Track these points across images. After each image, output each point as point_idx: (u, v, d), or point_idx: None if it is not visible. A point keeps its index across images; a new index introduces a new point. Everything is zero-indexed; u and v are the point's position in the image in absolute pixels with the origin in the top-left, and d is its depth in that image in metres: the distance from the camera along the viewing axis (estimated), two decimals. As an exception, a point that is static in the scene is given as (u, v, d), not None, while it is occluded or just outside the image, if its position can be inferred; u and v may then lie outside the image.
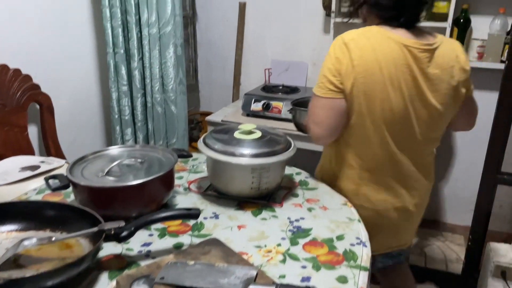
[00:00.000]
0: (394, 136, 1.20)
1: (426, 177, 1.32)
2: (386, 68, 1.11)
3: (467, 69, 1.21)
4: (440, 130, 1.28)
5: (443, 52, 1.16)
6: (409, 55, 1.12)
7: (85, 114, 2.04)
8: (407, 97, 1.15)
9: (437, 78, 1.16)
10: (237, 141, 1.18)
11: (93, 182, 1.03)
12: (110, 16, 1.81)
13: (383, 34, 1.13)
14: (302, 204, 1.20)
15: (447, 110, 1.22)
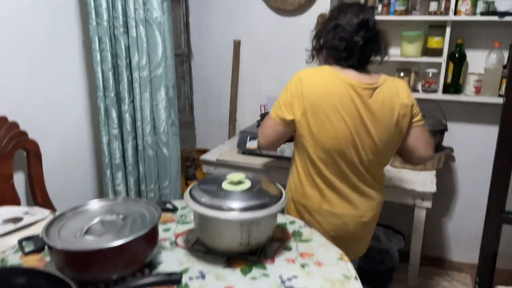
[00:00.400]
0: (344, 160, 1.39)
1: (379, 193, 1.51)
2: (332, 101, 1.33)
3: (408, 104, 1.38)
4: (386, 156, 1.45)
5: (384, 90, 1.35)
6: (353, 91, 1.32)
7: (75, 159, 1.99)
8: (351, 127, 1.34)
9: (377, 111, 1.34)
10: (224, 193, 1.13)
11: (69, 244, 0.96)
12: (101, 59, 1.79)
13: (332, 73, 1.35)
14: (296, 259, 1.13)
15: (389, 139, 1.39)
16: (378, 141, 1.37)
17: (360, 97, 1.33)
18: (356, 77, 1.35)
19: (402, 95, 1.38)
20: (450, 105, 2.32)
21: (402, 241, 2.26)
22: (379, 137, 1.37)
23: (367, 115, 1.34)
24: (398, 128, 1.39)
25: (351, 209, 1.46)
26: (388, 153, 1.44)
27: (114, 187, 1.94)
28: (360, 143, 1.37)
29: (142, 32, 1.73)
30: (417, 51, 2.22)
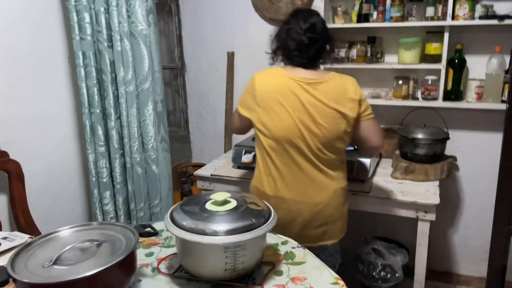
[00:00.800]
0: (293, 148, 1.51)
1: (334, 182, 1.58)
2: (276, 96, 1.49)
3: (355, 98, 1.50)
4: (336, 146, 1.53)
5: (330, 85, 1.49)
6: (297, 86, 1.48)
7: (62, 179, 1.91)
8: (296, 118, 1.48)
9: (323, 104, 1.47)
10: (208, 215, 1.04)
11: (35, 276, 0.88)
12: (85, 75, 1.73)
13: (282, 71, 1.53)
14: (286, 286, 1.04)
15: (336, 130, 1.49)
16: (325, 131, 1.49)
17: (305, 91, 1.47)
18: (303, 74, 1.50)
19: (349, 90, 1.51)
20: (451, 113, 2.24)
21: (406, 256, 2.16)
22: (325, 127, 1.48)
23: (312, 107, 1.47)
24: (345, 121, 1.49)
25: (304, 196, 1.55)
26: (338, 143, 1.53)
27: (102, 207, 1.86)
28: (307, 133, 1.49)
29: (127, 46, 1.67)
30: (415, 58, 2.15)
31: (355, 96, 1.51)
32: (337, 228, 1.65)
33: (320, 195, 1.56)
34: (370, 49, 2.23)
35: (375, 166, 2.19)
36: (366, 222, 2.58)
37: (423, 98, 2.21)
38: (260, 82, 1.53)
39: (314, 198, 1.56)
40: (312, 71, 1.53)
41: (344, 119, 1.49)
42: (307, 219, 1.57)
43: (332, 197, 1.57)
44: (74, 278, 0.86)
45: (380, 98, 2.29)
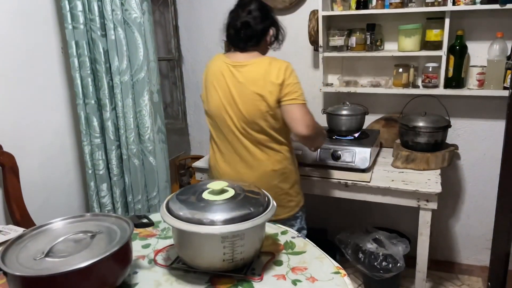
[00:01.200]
0: (223, 126, 1.64)
1: (262, 161, 1.64)
2: (211, 78, 1.66)
3: (275, 82, 1.55)
4: (258, 125, 1.60)
5: (253, 68, 1.58)
6: (226, 68, 1.62)
7: (58, 172, 1.88)
8: (222, 98, 1.61)
9: (243, 85, 1.57)
10: (205, 204, 1.02)
11: (26, 269, 0.85)
12: (79, 65, 1.69)
13: (219, 57, 1.70)
14: (286, 275, 1.01)
15: (255, 111, 1.57)
16: (244, 112, 1.58)
17: (231, 73, 1.60)
18: (236, 58, 1.63)
19: (271, 74, 1.56)
20: (452, 100, 2.21)
21: (408, 245, 2.13)
22: (244, 108, 1.58)
23: (234, 88, 1.59)
24: (265, 102, 1.55)
25: (232, 171, 1.68)
26: (261, 123, 1.59)
27: (99, 199, 1.83)
28: (232, 112, 1.60)
29: (121, 35, 1.63)
30: (415, 45, 2.11)
31: (276, 80, 1.55)
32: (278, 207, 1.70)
33: (248, 173, 1.65)
34: (369, 36, 2.19)
35: (376, 155, 2.16)
36: (367, 212, 2.56)
37: (423, 86, 2.17)
38: (206, 68, 1.72)
39: (244, 176, 1.66)
40: (247, 54, 1.63)
41: (263, 101, 1.56)
42: None
43: (262, 177, 1.64)
44: (66, 270, 0.84)
45: (380, 86, 2.25)
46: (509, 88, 1.51)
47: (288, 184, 1.70)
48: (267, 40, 1.68)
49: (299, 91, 1.59)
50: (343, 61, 2.39)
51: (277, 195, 1.66)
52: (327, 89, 2.34)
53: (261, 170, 1.65)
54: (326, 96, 2.50)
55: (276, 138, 1.65)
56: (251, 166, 1.65)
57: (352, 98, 2.37)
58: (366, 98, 2.39)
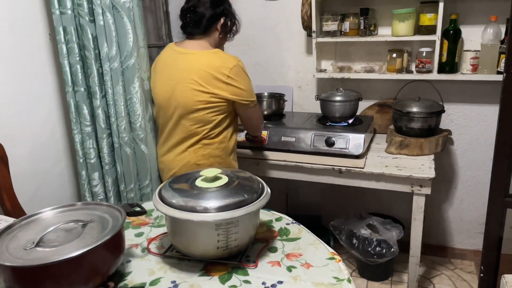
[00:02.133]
0: (164, 116, 1.69)
1: (191, 152, 1.68)
2: (158, 66, 1.71)
3: (219, 78, 1.56)
4: (190, 115, 1.61)
5: (192, 58, 1.60)
6: (171, 57, 1.66)
7: (48, 161, 1.85)
8: (166, 86, 1.64)
9: (184, 74, 1.58)
10: (198, 192, 1.00)
11: (16, 259, 0.84)
12: (67, 52, 1.65)
13: (170, 45, 1.72)
14: (281, 262, 1.01)
15: (193, 101, 1.59)
16: (182, 101, 1.60)
17: (176, 61, 1.62)
18: (184, 45, 1.65)
19: (217, 68, 1.56)
20: (446, 85, 2.20)
21: (401, 231, 2.14)
22: (183, 97, 1.59)
23: (177, 75, 1.60)
24: (204, 95, 1.57)
25: (164, 158, 1.76)
26: (194, 115, 1.61)
27: (91, 188, 1.80)
28: (174, 100, 1.62)
29: (109, 20, 1.59)
30: (409, 29, 2.09)
31: (221, 76, 1.56)
32: None
33: (173, 163, 1.72)
34: (363, 21, 2.16)
35: (369, 141, 2.16)
36: (360, 198, 2.57)
37: (417, 71, 2.16)
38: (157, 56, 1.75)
39: (169, 165, 1.73)
40: (194, 42, 1.64)
41: (203, 93, 1.57)
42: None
43: (182, 168, 1.68)
44: (57, 260, 0.82)
45: (374, 72, 2.23)
46: (504, 71, 1.50)
47: None
48: (218, 29, 1.66)
49: (246, 92, 1.62)
50: (336, 47, 2.37)
51: None
52: (321, 75, 2.32)
53: (184, 162, 1.68)
54: (319, 82, 2.48)
55: (208, 133, 1.65)
56: (177, 157, 1.70)
57: (345, 84, 2.36)
58: (360, 84, 2.37)
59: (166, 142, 1.74)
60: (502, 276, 1.66)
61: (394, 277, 2.33)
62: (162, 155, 1.79)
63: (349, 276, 0.94)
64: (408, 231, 1.99)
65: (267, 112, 2.29)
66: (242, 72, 1.61)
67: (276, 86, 2.57)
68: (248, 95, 1.64)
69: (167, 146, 1.74)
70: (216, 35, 1.67)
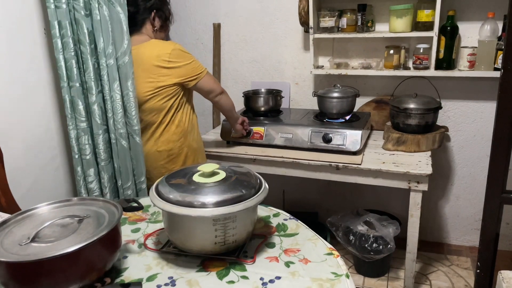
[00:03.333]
0: None
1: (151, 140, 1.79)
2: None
3: (159, 65, 1.67)
4: (145, 105, 1.73)
5: (135, 53, 1.69)
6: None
7: (44, 157, 1.83)
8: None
9: (137, 68, 1.68)
10: (195, 187, 0.99)
11: (11, 254, 0.82)
12: (62, 47, 1.63)
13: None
14: (279, 257, 1.00)
15: (143, 91, 1.71)
16: (138, 93, 1.71)
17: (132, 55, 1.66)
18: (133, 40, 1.71)
19: (158, 57, 1.66)
20: (443, 82, 2.20)
21: (398, 227, 2.15)
22: (138, 89, 1.70)
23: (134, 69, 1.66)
24: (153, 84, 1.68)
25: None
26: (148, 104, 1.72)
27: (86, 185, 1.79)
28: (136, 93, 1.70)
29: (106, 14, 1.58)
30: (406, 26, 2.09)
31: (159, 63, 1.66)
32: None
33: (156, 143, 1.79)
34: (360, 17, 2.16)
35: (367, 138, 2.16)
36: (357, 195, 2.57)
37: (414, 67, 2.15)
38: None
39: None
40: (137, 38, 1.73)
41: (150, 83, 1.67)
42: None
43: (146, 157, 1.78)
44: (53, 255, 0.81)
45: (371, 68, 2.23)
46: (501, 68, 1.50)
47: (177, 165, 1.78)
48: (151, 24, 1.76)
49: (191, 69, 1.69)
50: (333, 43, 2.36)
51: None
52: (318, 71, 2.31)
53: (146, 151, 1.77)
54: (316, 78, 2.47)
55: (163, 119, 1.74)
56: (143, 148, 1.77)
57: (343, 81, 2.36)
58: (357, 80, 2.37)
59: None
60: (499, 272, 1.66)
61: (390, 273, 2.33)
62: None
63: (347, 271, 0.93)
64: (404, 227, 1.99)
65: (264, 109, 2.28)
66: (182, 52, 1.69)
67: (273, 83, 2.56)
68: (193, 70, 1.70)
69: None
70: (150, 29, 1.77)
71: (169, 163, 1.78)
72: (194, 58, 1.73)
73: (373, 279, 2.30)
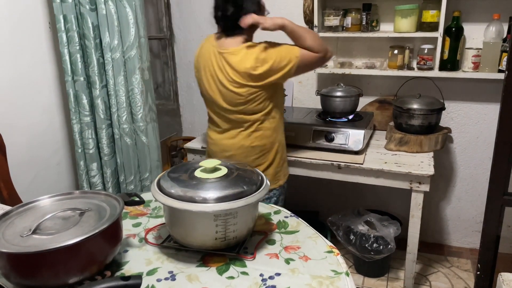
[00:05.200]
0: (214, 105, 1.69)
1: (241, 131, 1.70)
2: (201, 61, 1.67)
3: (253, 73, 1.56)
4: (240, 106, 1.62)
5: (234, 56, 1.57)
6: (213, 54, 1.61)
7: (47, 150, 1.84)
8: (211, 81, 1.63)
9: (228, 69, 1.58)
10: (197, 182, 1.00)
11: (12, 246, 0.83)
12: (67, 41, 1.64)
13: (208, 40, 1.69)
14: (279, 254, 1.00)
15: (236, 97, 1.60)
16: (230, 92, 1.60)
17: (218, 58, 1.59)
18: (221, 43, 1.61)
19: (247, 63, 1.55)
20: (447, 83, 2.19)
21: (399, 227, 2.14)
22: (229, 88, 1.60)
23: (220, 73, 1.59)
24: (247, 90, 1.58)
25: (214, 145, 1.77)
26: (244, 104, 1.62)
27: (89, 179, 1.80)
28: (219, 94, 1.63)
29: (112, 9, 1.58)
30: (411, 26, 2.08)
31: (253, 71, 1.54)
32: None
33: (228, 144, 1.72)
34: (365, 17, 2.15)
35: (369, 138, 2.16)
36: (359, 194, 2.56)
37: (418, 68, 2.15)
38: (198, 51, 1.72)
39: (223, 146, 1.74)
40: (231, 39, 1.60)
41: (243, 88, 1.57)
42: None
43: (240, 151, 1.71)
44: (54, 247, 0.82)
45: (375, 68, 2.23)
46: (506, 70, 1.49)
47: (267, 160, 1.72)
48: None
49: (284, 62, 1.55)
50: (338, 42, 2.36)
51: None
52: (321, 70, 2.31)
53: (239, 145, 1.69)
54: (320, 77, 2.47)
55: (258, 119, 1.66)
56: (231, 141, 1.70)
57: (346, 80, 2.35)
58: (361, 79, 2.37)
59: (218, 126, 1.74)
60: (499, 274, 1.66)
61: (390, 273, 2.33)
62: (214, 137, 1.77)
63: (347, 269, 0.94)
64: (405, 228, 1.98)
65: (267, 106, 2.27)
66: (268, 52, 1.56)
67: (277, 81, 2.56)
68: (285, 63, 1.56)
69: (219, 129, 1.74)
70: (250, 29, 1.63)
71: (260, 158, 1.71)
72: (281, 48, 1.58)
73: (373, 279, 2.30)
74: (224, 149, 1.73)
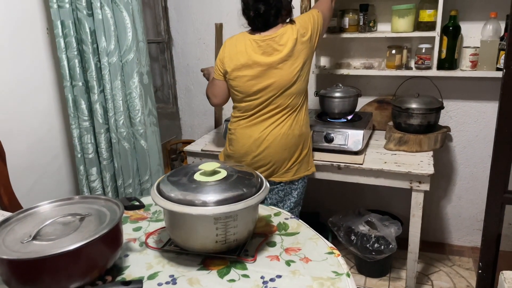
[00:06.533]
0: (257, 96, 1.68)
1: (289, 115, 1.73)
2: (241, 58, 1.67)
3: (301, 32, 1.65)
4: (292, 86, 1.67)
5: (283, 35, 1.64)
6: (255, 44, 1.65)
7: (46, 156, 1.84)
8: (257, 74, 1.65)
9: (280, 48, 1.63)
10: (196, 186, 1.00)
11: (13, 252, 0.83)
12: (65, 46, 1.64)
13: (243, 35, 1.71)
14: (280, 256, 1.00)
15: (290, 76, 1.65)
16: (278, 82, 1.64)
17: (263, 48, 1.64)
18: (259, 34, 1.66)
19: (294, 31, 1.64)
20: (445, 82, 2.20)
21: (400, 227, 2.14)
22: (278, 77, 1.64)
23: (271, 58, 1.63)
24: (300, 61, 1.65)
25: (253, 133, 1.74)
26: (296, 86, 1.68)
27: (89, 183, 1.80)
28: (266, 84, 1.64)
29: (108, 14, 1.58)
30: (408, 26, 2.08)
31: (301, 30, 1.64)
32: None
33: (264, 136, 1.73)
34: (362, 17, 2.16)
35: (368, 138, 2.16)
36: (359, 195, 2.57)
37: (416, 67, 2.15)
38: (228, 46, 1.71)
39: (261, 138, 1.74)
40: (269, 31, 1.66)
41: (297, 61, 1.64)
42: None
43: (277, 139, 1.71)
44: (55, 253, 0.82)
45: (373, 68, 2.23)
46: (504, 67, 1.49)
47: (306, 148, 1.78)
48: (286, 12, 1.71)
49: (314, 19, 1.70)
50: (335, 43, 2.36)
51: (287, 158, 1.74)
52: (320, 71, 2.31)
53: (278, 137, 1.70)
54: (318, 78, 2.47)
55: (301, 101, 1.72)
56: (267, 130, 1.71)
57: (345, 80, 2.35)
58: (359, 80, 2.37)
59: (255, 118, 1.73)
60: (501, 272, 1.66)
61: (392, 273, 2.33)
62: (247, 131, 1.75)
63: (348, 270, 0.94)
64: (406, 227, 1.98)
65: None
66: (301, 20, 1.68)
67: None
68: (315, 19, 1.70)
69: (255, 121, 1.74)
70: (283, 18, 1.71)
71: (302, 147, 1.76)
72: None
73: (375, 279, 2.30)
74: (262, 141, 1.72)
